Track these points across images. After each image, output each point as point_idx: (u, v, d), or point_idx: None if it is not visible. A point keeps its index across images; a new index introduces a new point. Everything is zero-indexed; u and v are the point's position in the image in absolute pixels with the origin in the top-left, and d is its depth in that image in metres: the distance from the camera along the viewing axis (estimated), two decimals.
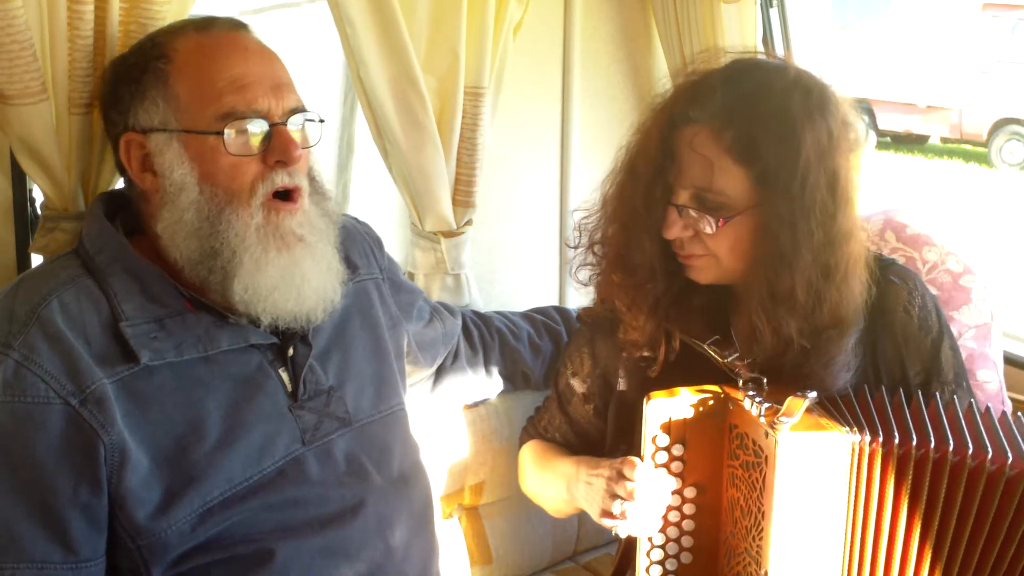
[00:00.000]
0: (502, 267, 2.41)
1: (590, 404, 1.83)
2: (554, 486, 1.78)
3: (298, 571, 1.46)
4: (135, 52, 1.50)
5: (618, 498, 1.52)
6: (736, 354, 1.60)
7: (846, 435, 1.44)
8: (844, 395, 1.56)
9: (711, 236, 1.53)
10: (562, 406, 1.87)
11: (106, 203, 1.53)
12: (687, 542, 1.60)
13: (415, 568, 1.61)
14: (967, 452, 1.43)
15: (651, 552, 1.60)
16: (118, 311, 1.41)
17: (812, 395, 1.44)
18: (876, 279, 1.59)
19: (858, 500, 1.45)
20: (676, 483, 1.57)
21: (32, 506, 1.34)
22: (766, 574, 1.45)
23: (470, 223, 2.16)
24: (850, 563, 1.47)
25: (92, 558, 1.38)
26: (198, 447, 1.41)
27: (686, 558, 1.60)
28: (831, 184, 1.49)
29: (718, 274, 1.59)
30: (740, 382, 1.55)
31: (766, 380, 1.53)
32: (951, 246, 2.24)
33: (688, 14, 2.32)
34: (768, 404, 1.46)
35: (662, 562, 1.61)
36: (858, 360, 1.61)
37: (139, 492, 1.37)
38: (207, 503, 1.41)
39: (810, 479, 1.43)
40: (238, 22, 1.51)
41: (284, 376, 1.52)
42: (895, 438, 1.44)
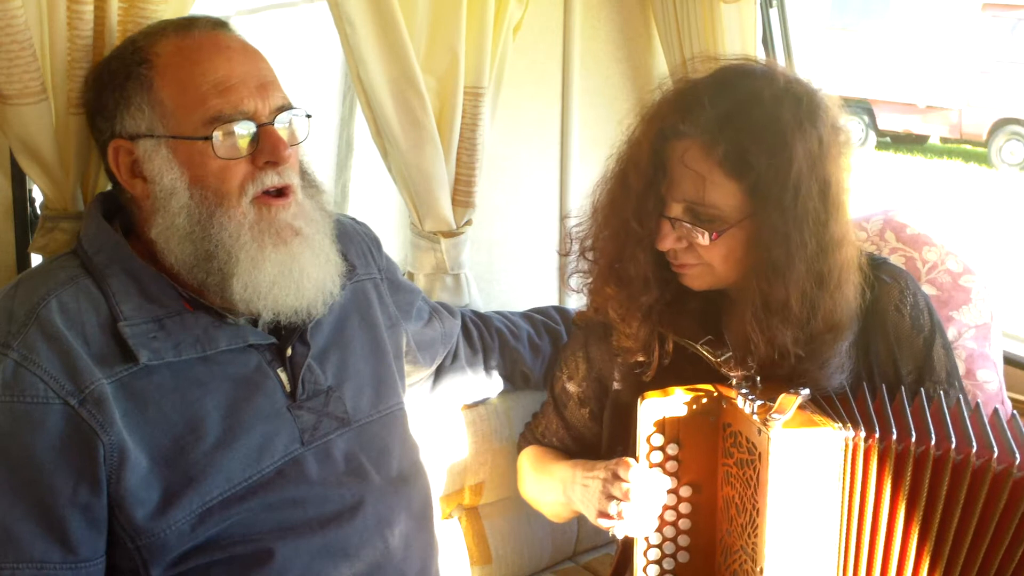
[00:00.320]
0: (502, 267, 2.40)
1: (586, 408, 1.83)
2: (551, 490, 1.78)
3: (297, 571, 1.46)
4: (116, 57, 1.49)
5: (614, 499, 1.52)
6: (729, 354, 1.60)
7: (839, 431, 1.45)
8: (839, 393, 1.56)
9: (705, 247, 1.53)
10: (559, 411, 1.87)
11: (104, 203, 1.53)
12: (683, 541, 1.60)
13: (414, 568, 1.61)
14: (970, 451, 1.43)
15: (648, 552, 1.60)
16: (117, 311, 1.41)
17: (805, 392, 1.44)
18: (870, 282, 1.59)
19: (851, 495, 1.46)
20: (671, 482, 1.57)
21: (31, 506, 1.33)
22: (762, 571, 1.45)
23: (470, 223, 2.16)
24: (845, 558, 1.47)
25: (91, 558, 1.37)
26: (197, 447, 1.41)
27: (683, 557, 1.61)
28: (823, 192, 1.49)
29: (712, 281, 1.59)
30: (733, 381, 1.55)
31: (759, 379, 1.54)
32: (951, 246, 2.24)
33: (688, 14, 2.32)
34: (761, 402, 1.47)
35: (659, 562, 1.61)
36: (852, 361, 1.61)
37: (138, 492, 1.37)
38: (206, 503, 1.41)
39: (803, 475, 1.44)
40: (218, 21, 1.50)
41: (283, 376, 1.52)
42: (890, 434, 1.44)
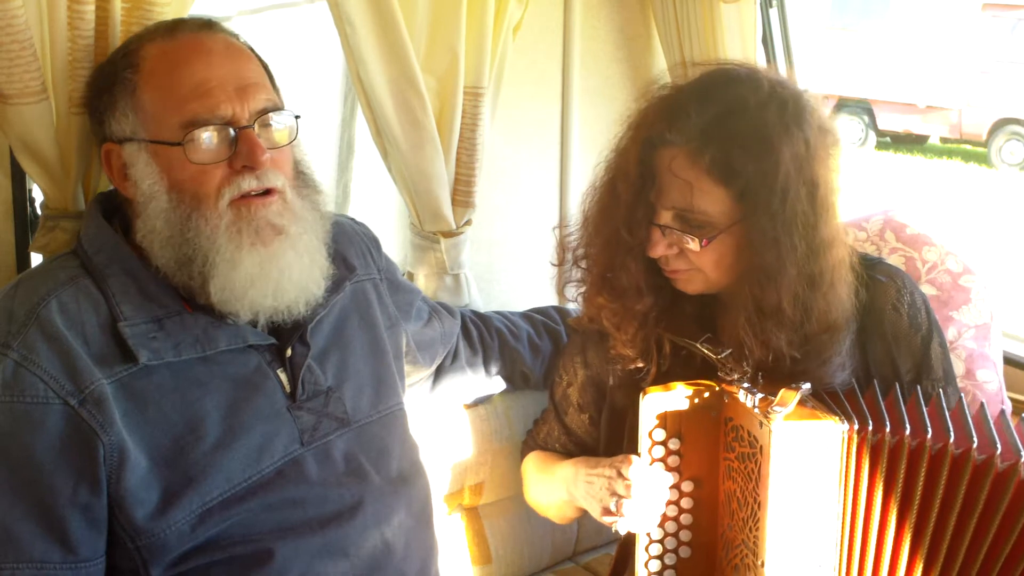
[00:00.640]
0: (501, 267, 2.40)
1: (585, 414, 1.84)
2: (555, 490, 1.79)
3: (297, 571, 1.46)
4: (110, 61, 1.50)
5: (617, 495, 1.53)
6: (729, 351, 1.60)
7: (840, 424, 1.45)
8: (845, 388, 1.56)
9: (696, 253, 1.54)
10: (559, 417, 1.88)
11: (104, 203, 1.54)
12: (685, 536, 1.61)
13: (414, 568, 1.61)
14: (971, 446, 1.43)
15: (650, 547, 1.61)
16: (116, 311, 1.41)
17: (806, 386, 1.45)
18: (863, 281, 1.59)
19: (852, 488, 1.46)
20: (673, 477, 1.58)
21: (31, 506, 1.34)
22: (763, 564, 1.45)
23: (469, 223, 2.16)
24: (848, 551, 1.47)
25: (91, 558, 1.37)
26: (196, 447, 1.41)
27: (685, 552, 1.61)
28: (811, 194, 1.49)
29: (705, 286, 1.60)
30: (735, 376, 1.56)
31: (761, 375, 1.54)
32: (951, 246, 2.24)
33: (688, 14, 2.32)
34: (762, 395, 1.47)
35: (661, 557, 1.61)
36: (853, 360, 1.61)
37: (138, 492, 1.37)
38: (206, 503, 1.41)
39: (805, 468, 1.44)
40: (205, 22, 1.50)
41: (283, 377, 1.52)
42: (900, 429, 1.44)
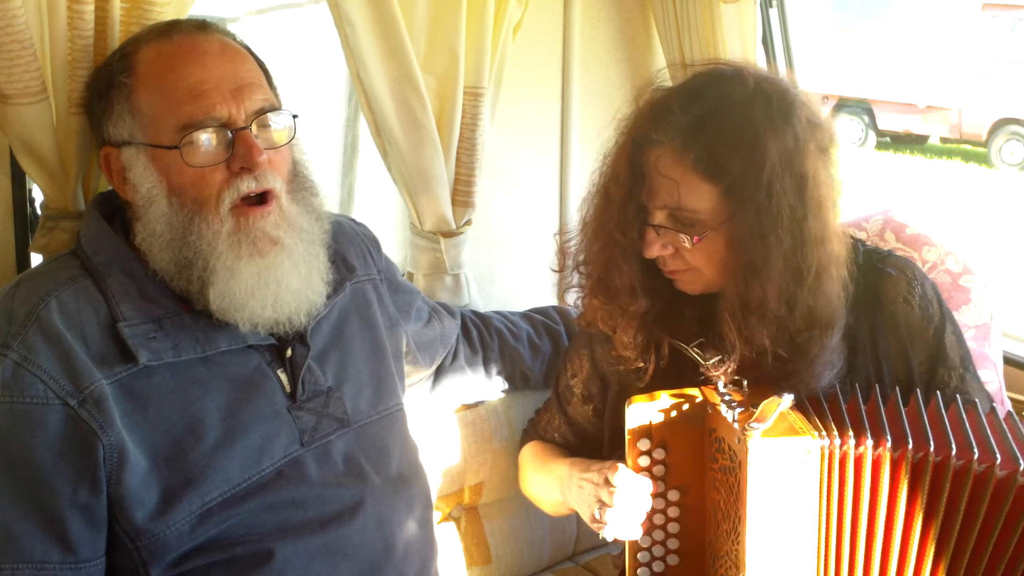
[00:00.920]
0: (501, 267, 2.40)
1: (589, 405, 1.84)
2: (550, 488, 1.79)
3: (297, 571, 1.46)
4: (106, 64, 1.50)
5: (602, 503, 1.53)
6: (719, 357, 1.60)
7: (817, 440, 1.43)
8: (829, 395, 1.55)
9: (689, 251, 1.54)
10: (562, 407, 1.87)
11: (104, 203, 1.53)
12: (673, 544, 1.60)
13: (414, 568, 1.61)
14: (950, 453, 1.41)
15: (638, 555, 1.61)
16: (116, 312, 1.41)
17: (788, 398, 1.43)
18: (854, 276, 1.58)
19: (835, 503, 1.45)
20: (659, 486, 1.57)
21: (31, 506, 1.34)
22: None
23: (469, 223, 2.16)
24: (825, 567, 1.46)
25: (91, 558, 1.37)
26: (196, 448, 1.41)
27: (672, 560, 1.61)
28: (799, 188, 1.48)
29: (704, 285, 1.59)
30: (721, 384, 1.55)
31: (747, 382, 1.53)
32: (950, 246, 2.24)
33: (688, 14, 2.32)
34: (742, 409, 1.47)
35: (648, 564, 1.61)
36: (843, 358, 1.60)
37: (138, 492, 1.37)
38: (206, 504, 1.41)
39: (782, 484, 1.43)
40: (201, 23, 1.49)
41: (283, 377, 1.52)
42: (867, 439, 1.43)
